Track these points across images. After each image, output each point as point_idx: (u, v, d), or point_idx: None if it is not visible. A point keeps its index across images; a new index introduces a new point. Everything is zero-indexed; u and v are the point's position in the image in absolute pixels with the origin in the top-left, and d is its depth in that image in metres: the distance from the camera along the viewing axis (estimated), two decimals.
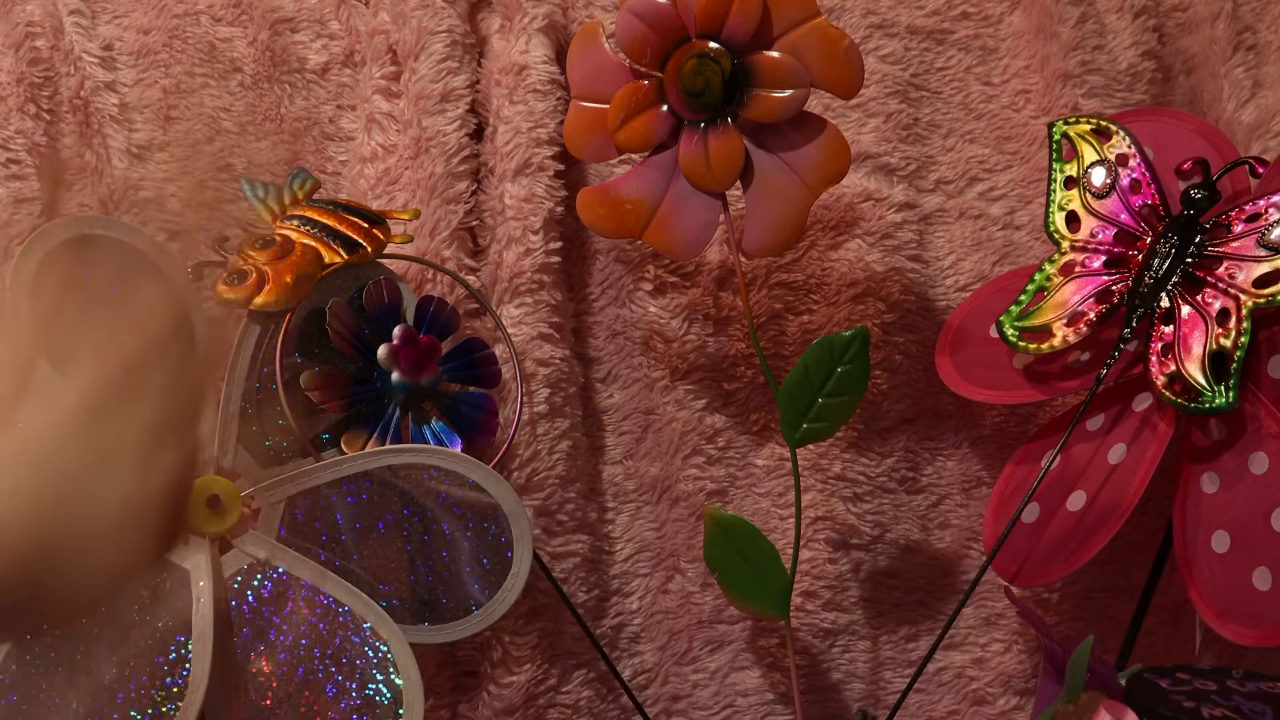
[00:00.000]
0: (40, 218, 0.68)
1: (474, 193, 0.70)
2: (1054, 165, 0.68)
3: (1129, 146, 0.66)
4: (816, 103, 0.73)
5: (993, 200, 0.75)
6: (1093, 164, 0.67)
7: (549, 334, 0.68)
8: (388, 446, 0.60)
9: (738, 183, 0.62)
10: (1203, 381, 0.60)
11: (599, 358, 0.72)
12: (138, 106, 0.73)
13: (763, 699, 0.72)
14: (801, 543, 0.70)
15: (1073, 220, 0.67)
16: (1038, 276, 0.67)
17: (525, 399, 0.67)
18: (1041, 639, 0.62)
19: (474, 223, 0.70)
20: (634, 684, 0.70)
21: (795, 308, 0.72)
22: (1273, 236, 0.60)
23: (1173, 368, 0.61)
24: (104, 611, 0.54)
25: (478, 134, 0.71)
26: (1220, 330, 0.60)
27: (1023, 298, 0.66)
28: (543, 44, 0.71)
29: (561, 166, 0.70)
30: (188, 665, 0.54)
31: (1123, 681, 0.60)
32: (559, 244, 0.69)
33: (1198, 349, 0.61)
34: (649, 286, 0.72)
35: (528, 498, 0.67)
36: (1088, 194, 0.66)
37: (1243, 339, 0.60)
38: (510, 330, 0.67)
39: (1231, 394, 0.59)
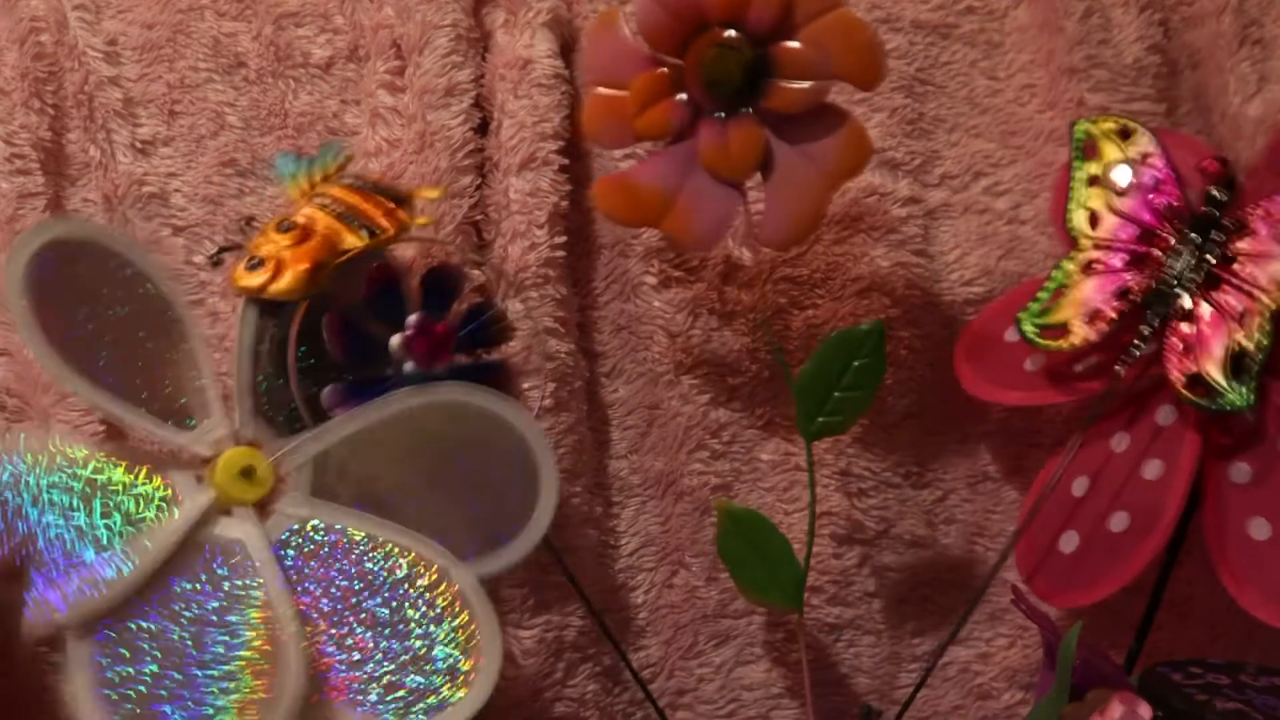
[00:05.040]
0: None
1: (479, 187, 0.70)
2: (1076, 164, 0.68)
3: (1152, 145, 0.66)
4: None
5: (998, 195, 0.75)
6: (1115, 162, 0.66)
7: (554, 328, 0.68)
8: (404, 390, 0.57)
9: (757, 175, 0.61)
10: (1223, 382, 0.60)
11: (604, 352, 0.72)
12: (142, 101, 0.73)
13: (768, 693, 0.72)
14: None
15: (1094, 218, 0.67)
16: (1057, 274, 0.66)
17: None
18: (1043, 634, 0.62)
19: (479, 217, 0.70)
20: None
21: (800, 302, 0.72)
22: None
23: (1193, 368, 0.61)
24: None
25: (482, 129, 0.71)
26: (1241, 330, 0.60)
27: (1042, 295, 0.66)
28: (547, 38, 0.71)
29: (566, 161, 0.70)
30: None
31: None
32: (564, 238, 0.69)
33: (1218, 349, 0.60)
34: (653, 281, 0.72)
35: None
36: (1110, 192, 0.66)
37: (1264, 340, 0.59)
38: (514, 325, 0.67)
39: (1252, 395, 0.59)
